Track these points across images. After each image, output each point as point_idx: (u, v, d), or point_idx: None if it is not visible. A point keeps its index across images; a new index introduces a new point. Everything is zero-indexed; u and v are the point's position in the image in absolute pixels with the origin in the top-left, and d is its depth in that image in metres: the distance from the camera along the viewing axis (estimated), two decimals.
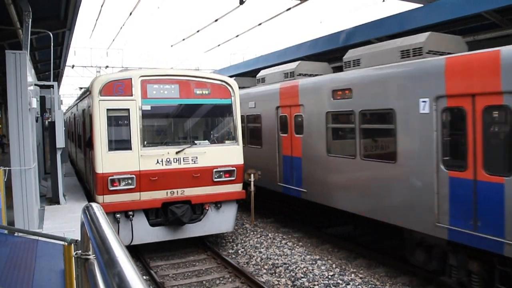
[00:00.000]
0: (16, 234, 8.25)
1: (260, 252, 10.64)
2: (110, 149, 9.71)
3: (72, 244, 5.09)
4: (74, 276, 4.90)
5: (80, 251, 2.50)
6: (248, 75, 22.14)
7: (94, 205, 2.34)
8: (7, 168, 8.78)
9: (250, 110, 14.24)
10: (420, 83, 7.91)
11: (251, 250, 10.84)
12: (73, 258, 4.69)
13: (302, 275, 9.13)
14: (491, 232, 6.75)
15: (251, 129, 14.53)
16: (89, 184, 11.71)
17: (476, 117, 6.96)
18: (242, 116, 12.78)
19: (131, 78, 9.99)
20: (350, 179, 9.99)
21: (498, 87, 6.60)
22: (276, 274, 9.31)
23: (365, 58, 9.81)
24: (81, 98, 14.56)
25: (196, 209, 10.50)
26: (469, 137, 7.09)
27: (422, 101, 7.81)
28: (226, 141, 11.01)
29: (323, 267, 9.52)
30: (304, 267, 9.53)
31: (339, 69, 12.24)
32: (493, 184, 6.75)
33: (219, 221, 10.79)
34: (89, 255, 2.39)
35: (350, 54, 10.39)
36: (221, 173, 10.55)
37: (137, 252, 10.55)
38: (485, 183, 6.87)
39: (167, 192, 10.06)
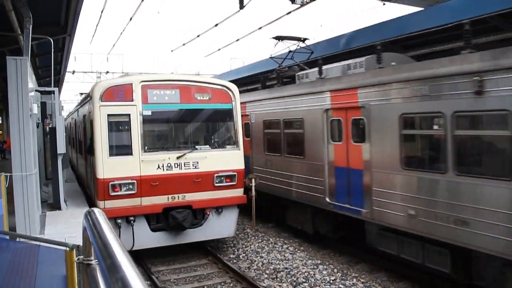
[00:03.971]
0: (17, 239, 8.25)
1: (262, 257, 10.62)
2: (111, 154, 9.71)
3: (74, 250, 5.09)
4: (76, 281, 4.89)
5: (82, 256, 2.49)
6: (248, 79, 22.16)
7: (96, 210, 2.33)
8: (9, 174, 8.78)
9: None
10: None
11: (252, 255, 10.82)
12: (75, 263, 4.68)
13: (304, 280, 9.10)
14: None
15: None
16: (90, 190, 11.70)
17: None
18: None
19: (131, 84, 10.01)
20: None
21: None
22: (278, 279, 9.28)
23: None
24: (81, 103, 14.59)
25: (197, 214, 10.49)
26: None
27: None
28: (227, 146, 11.01)
29: (324, 272, 9.49)
30: (305, 271, 9.51)
31: None
32: None
33: (220, 226, 10.77)
34: (91, 260, 2.38)
35: None
36: (222, 178, 10.53)
37: (138, 257, 10.53)
38: None
39: (168, 197, 10.05)
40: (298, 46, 14.45)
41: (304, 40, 14.36)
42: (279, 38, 14.22)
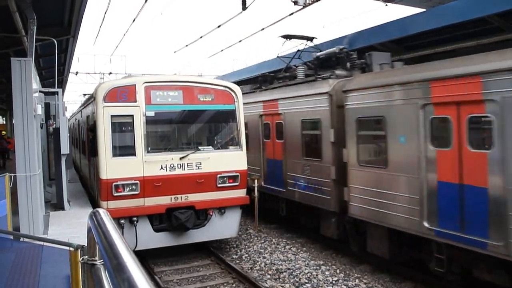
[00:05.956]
0: (21, 239, 8.30)
1: (264, 258, 10.64)
2: (114, 155, 9.74)
3: (78, 250, 5.11)
4: (80, 281, 4.92)
5: (86, 257, 2.52)
6: (250, 81, 22.15)
7: (101, 210, 2.35)
8: (13, 174, 8.83)
9: None
10: None
11: (255, 256, 10.84)
12: (80, 263, 4.71)
13: (306, 281, 9.11)
14: None
15: None
16: (93, 190, 11.73)
17: None
18: None
19: (135, 85, 10.04)
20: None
21: None
22: (280, 280, 9.30)
23: None
24: (85, 104, 14.63)
25: (200, 215, 10.51)
26: None
27: None
28: (230, 147, 11.03)
29: (327, 272, 9.50)
30: (308, 272, 9.52)
31: None
32: None
33: (223, 227, 10.78)
34: (96, 260, 2.40)
35: None
36: (225, 178, 10.55)
37: (141, 258, 10.55)
38: None
39: (171, 198, 10.07)
40: (306, 45, 14.30)
41: (312, 39, 14.21)
42: (286, 37, 14.13)
